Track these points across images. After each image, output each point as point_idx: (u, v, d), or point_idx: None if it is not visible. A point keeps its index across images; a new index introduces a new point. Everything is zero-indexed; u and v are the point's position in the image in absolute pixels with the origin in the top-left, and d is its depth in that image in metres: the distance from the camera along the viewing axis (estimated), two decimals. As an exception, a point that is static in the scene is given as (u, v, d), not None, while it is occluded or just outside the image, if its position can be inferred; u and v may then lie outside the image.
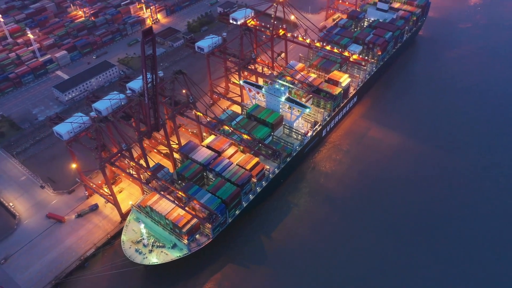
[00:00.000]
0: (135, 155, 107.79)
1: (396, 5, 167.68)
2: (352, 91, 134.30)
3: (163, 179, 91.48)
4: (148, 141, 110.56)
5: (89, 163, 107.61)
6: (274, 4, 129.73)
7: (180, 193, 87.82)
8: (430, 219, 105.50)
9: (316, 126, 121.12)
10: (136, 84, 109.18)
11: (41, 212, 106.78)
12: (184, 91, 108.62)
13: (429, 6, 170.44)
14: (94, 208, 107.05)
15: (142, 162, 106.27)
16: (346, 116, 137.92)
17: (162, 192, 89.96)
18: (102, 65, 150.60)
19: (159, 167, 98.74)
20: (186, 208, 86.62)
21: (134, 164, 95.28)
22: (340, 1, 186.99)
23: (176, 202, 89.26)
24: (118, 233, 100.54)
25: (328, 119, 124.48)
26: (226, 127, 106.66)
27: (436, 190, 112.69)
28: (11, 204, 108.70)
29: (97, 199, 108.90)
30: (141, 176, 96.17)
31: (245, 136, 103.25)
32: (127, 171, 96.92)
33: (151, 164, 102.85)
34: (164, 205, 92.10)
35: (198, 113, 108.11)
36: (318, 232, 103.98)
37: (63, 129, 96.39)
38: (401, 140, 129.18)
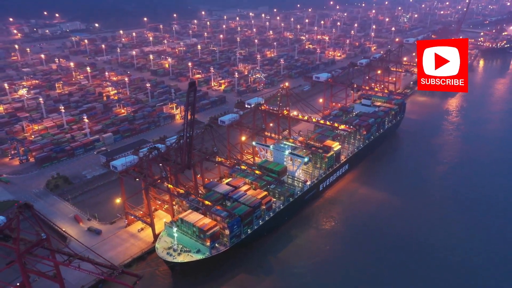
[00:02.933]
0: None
1: (378, 103, 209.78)
2: (343, 158, 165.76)
3: (193, 194, 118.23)
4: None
5: (131, 192, 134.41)
6: (280, 89, 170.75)
7: (206, 202, 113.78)
8: (414, 247, 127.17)
9: (314, 179, 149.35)
10: (172, 139, 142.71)
11: (88, 235, 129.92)
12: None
13: (405, 105, 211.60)
14: (98, 231, 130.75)
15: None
16: (339, 179, 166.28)
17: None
18: (140, 142, 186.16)
19: (188, 193, 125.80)
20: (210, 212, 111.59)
21: (171, 186, 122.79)
22: (333, 104, 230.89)
23: (202, 210, 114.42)
24: (151, 250, 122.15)
25: (324, 176, 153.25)
26: (243, 166, 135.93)
27: (416, 231, 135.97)
28: (63, 229, 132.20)
29: (135, 227, 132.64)
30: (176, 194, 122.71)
31: (257, 172, 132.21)
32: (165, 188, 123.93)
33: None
34: (193, 217, 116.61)
35: (221, 159, 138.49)
36: (319, 257, 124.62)
37: (118, 162, 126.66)
38: (386, 196, 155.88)
